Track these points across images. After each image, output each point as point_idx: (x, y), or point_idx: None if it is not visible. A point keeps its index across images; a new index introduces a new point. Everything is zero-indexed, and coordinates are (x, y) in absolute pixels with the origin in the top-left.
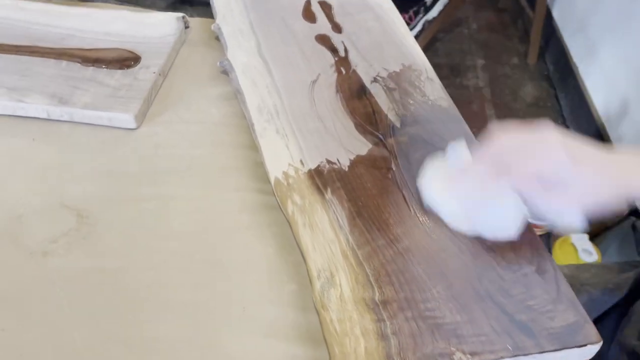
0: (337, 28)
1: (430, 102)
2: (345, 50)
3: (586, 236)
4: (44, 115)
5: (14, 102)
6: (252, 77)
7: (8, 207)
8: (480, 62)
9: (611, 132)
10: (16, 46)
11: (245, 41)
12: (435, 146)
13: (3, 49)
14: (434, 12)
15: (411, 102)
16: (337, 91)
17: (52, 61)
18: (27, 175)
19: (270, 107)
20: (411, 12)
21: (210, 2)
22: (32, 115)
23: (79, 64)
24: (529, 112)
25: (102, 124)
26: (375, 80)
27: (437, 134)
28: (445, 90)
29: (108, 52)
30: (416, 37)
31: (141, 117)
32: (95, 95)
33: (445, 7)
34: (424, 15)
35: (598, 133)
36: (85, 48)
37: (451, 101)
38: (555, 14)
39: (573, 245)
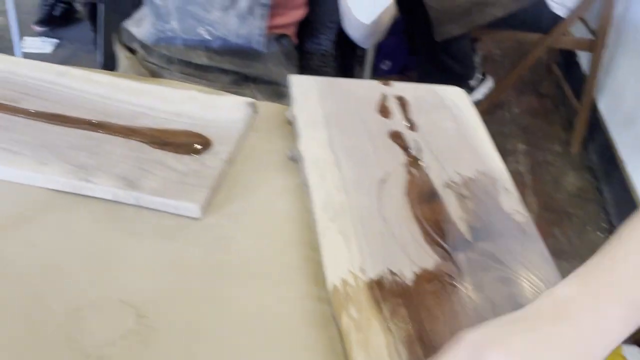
0: (411, 126)
1: (505, 215)
2: (419, 150)
3: (637, 349)
4: (110, 197)
5: (81, 182)
6: (321, 170)
7: (68, 297)
8: (521, 146)
9: None
10: (87, 121)
11: (318, 132)
12: (508, 267)
13: (73, 121)
14: (478, 95)
15: (484, 213)
16: (407, 193)
17: (121, 139)
18: (88, 261)
19: (336, 203)
20: None
21: (289, 88)
22: (98, 196)
23: (148, 145)
24: (571, 203)
25: (167, 210)
26: (447, 185)
27: (511, 253)
28: (523, 203)
29: (178, 135)
30: None
31: (207, 206)
32: (163, 180)
33: (491, 91)
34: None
35: None
36: (156, 128)
37: (529, 216)
38: (601, 105)
39: (623, 357)
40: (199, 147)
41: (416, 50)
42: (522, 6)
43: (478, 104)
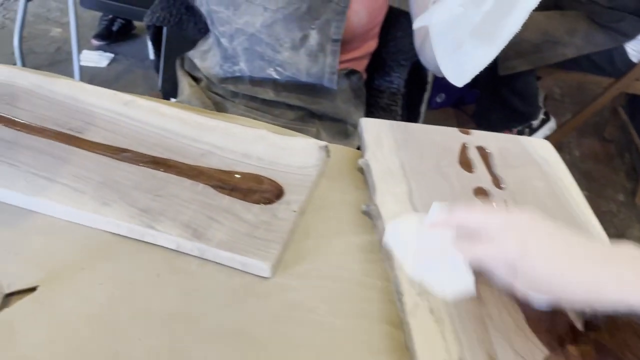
0: (497, 183)
1: None
2: None
3: None
4: (173, 247)
5: (144, 228)
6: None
7: None
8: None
9: None
10: (152, 158)
11: (395, 185)
12: None
13: (137, 158)
14: (539, 135)
15: None
16: None
17: (188, 182)
18: (147, 324)
19: None
20: (515, 131)
21: (359, 134)
22: (161, 244)
23: (214, 189)
24: None
25: (233, 266)
26: None
27: (627, 345)
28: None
29: (248, 180)
30: None
31: (277, 265)
32: (231, 232)
33: (553, 132)
34: (528, 136)
35: None
36: (224, 170)
37: None
38: None
39: None
40: (272, 198)
41: (475, 83)
42: (596, 50)
43: None
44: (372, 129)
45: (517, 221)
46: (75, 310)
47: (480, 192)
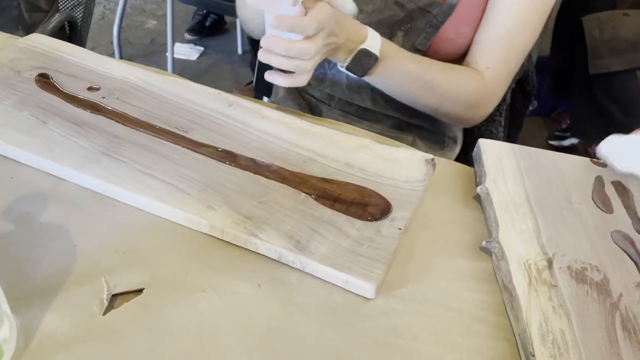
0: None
1: None
2: None
3: None
4: (275, 257)
5: (247, 235)
6: (530, 278)
7: None
8: None
9: None
10: (255, 162)
11: (520, 220)
12: None
13: (241, 161)
14: None
15: None
16: None
17: (290, 189)
18: (248, 337)
19: (557, 333)
20: None
21: (476, 157)
22: (263, 253)
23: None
24: None
25: (335, 282)
26: None
27: None
28: None
29: (351, 192)
30: None
31: (381, 286)
32: (334, 246)
33: None
34: None
35: None
36: (328, 179)
37: None
38: None
39: None
40: (378, 214)
41: (568, 90)
42: None
43: None
44: (492, 152)
45: None
46: (178, 318)
47: (621, 238)
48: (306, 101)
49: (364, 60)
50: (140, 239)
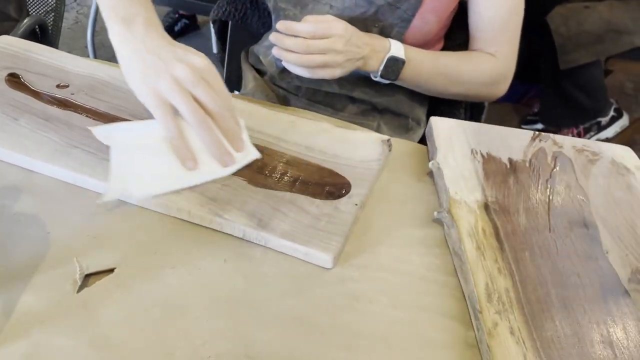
0: (583, 195)
1: None
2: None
3: None
4: (240, 235)
5: (212, 216)
6: (478, 244)
7: (195, 347)
8: None
9: None
10: None
11: (469, 192)
12: None
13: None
14: (608, 133)
15: None
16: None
17: (254, 172)
18: (214, 306)
19: (502, 291)
20: (581, 128)
21: (428, 134)
22: (228, 232)
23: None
24: None
25: (296, 256)
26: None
27: None
28: None
29: (314, 173)
30: None
31: (338, 256)
32: (294, 223)
33: (624, 129)
34: (595, 134)
35: None
36: (289, 161)
37: None
38: None
39: None
40: (337, 192)
41: (538, 78)
42: None
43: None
44: (444, 129)
45: None
46: (149, 292)
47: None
48: (274, 92)
49: (394, 66)
50: (111, 224)
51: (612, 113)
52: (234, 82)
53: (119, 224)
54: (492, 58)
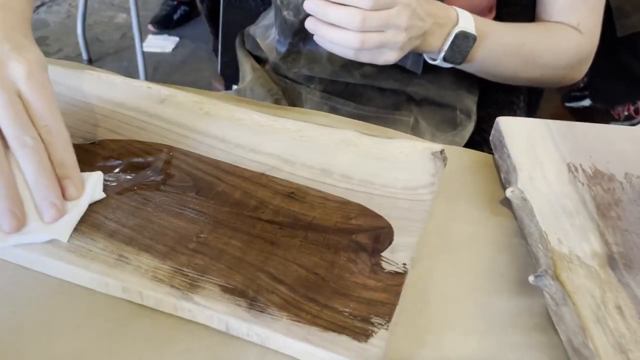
0: None
1: None
2: None
3: None
4: (222, 328)
5: (175, 298)
6: (615, 334)
7: None
8: None
9: None
10: (192, 181)
11: (581, 238)
12: None
13: (170, 185)
14: None
15: None
16: None
17: (244, 215)
18: None
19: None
20: (639, 104)
21: (494, 144)
22: (202, 322)
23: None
24: None
25: None
26: None
27: None
28: None
29: (331, 213)
30: None
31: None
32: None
33: None
34: None
35: None
36: (295, 194)
37: None
38: None
39: None
40: (371, 243)
41: None
42: None
43: None
44: (520, 134)
45: None
46: None
47: None
48: (279, 85)
49: (463, 45)
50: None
51: None
52: (230, 75)
53: (58, 311)
54: (577, 33)
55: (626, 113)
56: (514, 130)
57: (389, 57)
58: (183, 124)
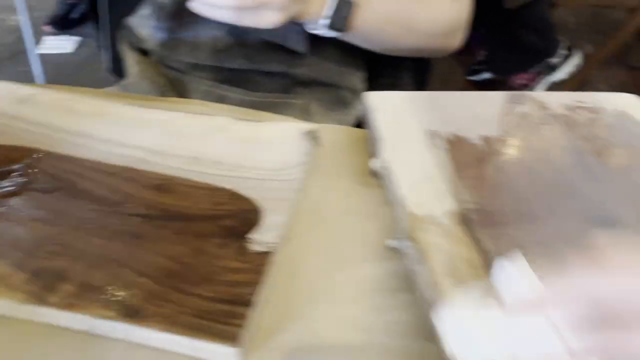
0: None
1: None
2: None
3: None
4: (84, 327)
5: (30, 304)
6: (464, 284)
7: None
8: None
9: None
10: (52, 181)
11: (436, 201)
12: None
13: (28, 186)
14: (561, 74)
15: None
16: None
17: (106, 211)
18: None
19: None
20: (534, 73)
21: (364, 118)
22: (63, 324)
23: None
24: None
25: (178, 351)
26: None
27: None
28: None
29: (199, 201)
30: None
31: (249, 340)
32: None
33: (578, 69)
34: (547, 76)
35: None
36: (163, 186)
37: None
38: None
39: None
40: (240, 226)
41: (477, 23)
42: None
43: (562, 85)
44: (385, 107)
45: None
46: None
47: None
48: (165, 76)
49: (343, 10)
50: None
51: (563, 51)
52: (119, 70)
53: None
54: (450, 1)
55: (521, 82)
56: (379, 104)
57: (271, 18)
58: (46, 124)
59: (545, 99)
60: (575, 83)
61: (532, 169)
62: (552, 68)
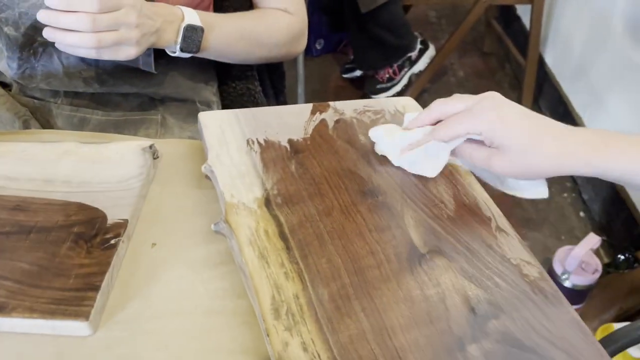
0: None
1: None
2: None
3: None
4: None
5: None
6: (260, 250)
7: None
8: None
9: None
10: None
11: (247, 190)
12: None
13: None
14: (420, 66)
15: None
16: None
17: None
18: None
19: (291, 300)
20: (395, 67)
21: (200, 134)
22: None
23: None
24: None
25: (42, 333)
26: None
27: (532, 327)
28: (527, 248)
29: (50, 214)
30: (402, 91)
31: (99, 317)
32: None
33: (433, 59)
34: (409, 69)
35: (611, 185)
36: (20, 206)
37: (540, 267)
38: (549, 59)
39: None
40: (87, 230)
41: (344, 25)
42: None
43: (420, 75)
44: (213, 125)
45: (491, 95)
46: None
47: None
48: (27, 107)
49: (194, 36)
50: None
51: (419, 46)
52: None
53: None
54: (287, 15)
55: (387, 76)
56: (209, 121)
57: (129, 52)
58: None
59: (340, 107)
60: (434, 72)
61: (321, 161)
62: (412, 61)
